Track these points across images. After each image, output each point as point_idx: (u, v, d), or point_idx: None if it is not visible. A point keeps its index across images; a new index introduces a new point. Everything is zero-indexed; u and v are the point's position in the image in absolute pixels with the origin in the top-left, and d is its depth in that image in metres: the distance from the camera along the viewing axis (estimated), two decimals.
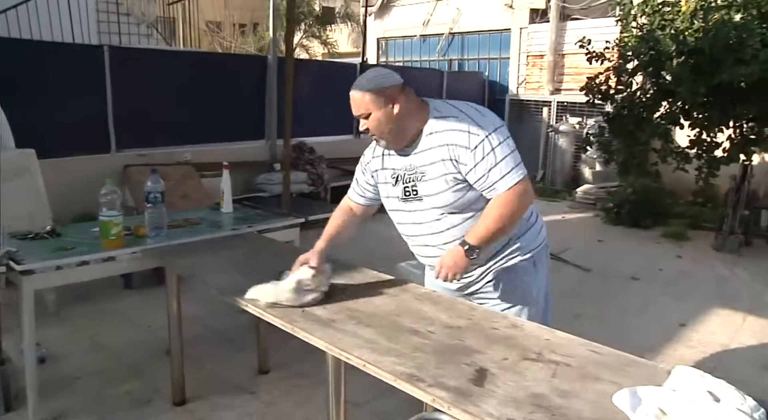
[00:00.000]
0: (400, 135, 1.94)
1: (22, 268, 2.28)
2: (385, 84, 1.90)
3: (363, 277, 2.27)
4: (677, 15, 5.41)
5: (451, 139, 1.86)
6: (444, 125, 1.89)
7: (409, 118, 1.92)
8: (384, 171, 2.07)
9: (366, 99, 1.89)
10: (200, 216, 3.25)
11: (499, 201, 1.85)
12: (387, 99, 1.89)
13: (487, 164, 1.83)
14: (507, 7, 9.94)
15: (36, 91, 4.64)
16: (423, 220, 2.00)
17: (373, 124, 1.91)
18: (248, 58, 8.25)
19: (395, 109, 1.89)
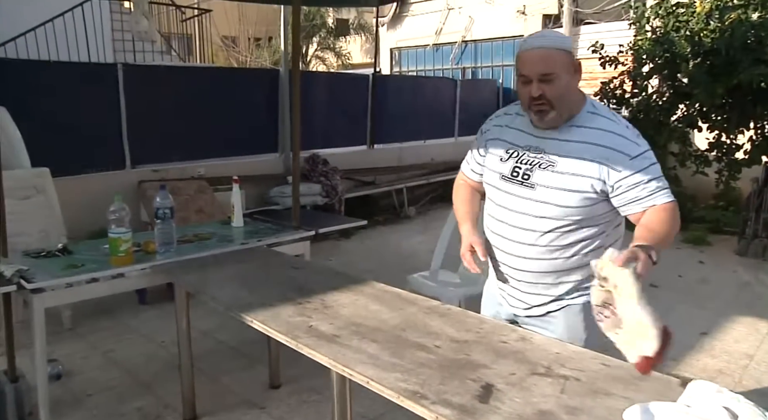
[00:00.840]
0: (568, 110, 1.71)
1: (33, 286, 2.29)
2: (571, 48, 1.71)
3: (371, 291, 2.24)
4: (692, 16, 5.33)
5: (610, 142, 1.66)
6: (600, 124, 1.70)
7: (576, 99, 1.73)
8: (500, 142, 1.86)
9: (558, 58, 1.65)
10: (210, 230, 3.25)
11: (663, 210, 1.64)
12: (576, 66, 1.70)
13: (648, 174, 1.64)
14: (519, 14, 9.91)
15: (52, 109, 4.72)
16: (522, 209, 1.76)
17: (554, 90, 1.65)
18: (260, 72, 8.31)
19: (576, 81, 1.70)
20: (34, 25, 5.96)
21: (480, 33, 10.62)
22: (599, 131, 1.68)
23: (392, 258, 5.61)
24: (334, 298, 2.16)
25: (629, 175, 1.63)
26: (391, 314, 1.98)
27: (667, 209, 1.65)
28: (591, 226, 1.73)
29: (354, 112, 7.55)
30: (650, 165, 1.66)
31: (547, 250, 1.76)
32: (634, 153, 1.65)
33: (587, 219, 1.72)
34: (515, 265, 1.83)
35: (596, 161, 1.65)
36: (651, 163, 1.66)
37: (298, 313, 2.01)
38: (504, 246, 1.84)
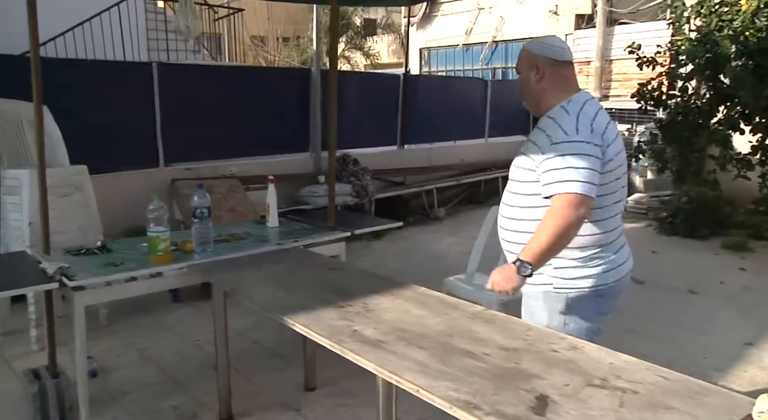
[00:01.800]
0: (533, 103, 2.03)
1: (74, 283, 2.30)
2: (540, 52, 1.98)
3: (412, 294, 2.20)
4: (736, 15, 5.16)
5: (547, 126, 1.90)
6: (556, 113, 1.92)
7: (545, 95, 1.97)
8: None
9: (521, 56, 2.04)
10: (246, 230, 3.24)
11: (552, 209, 1.80)
12: (533, 66, 1.97)
13: (558, 163, 1.79)
14: (551, 14, 9.77)
15: (88, 108, 4.77)
16: (507, 189, 2.06)
17: (518, 82, 2.05)
18: (292, 71, 8.34)
19: (536, 79, 1.97)
20: (71, 26, 6.05)
21: (511, 33, 10.50)
22: (551, 120, 1.91)
23: (424, 260, 5.56)
24: (375, 301, 2.12)
25: (544, 160, 1.84)
26: (435, 319, 1.94)
27: (554, 208, 1.80)
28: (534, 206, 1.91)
29: (384, 111, 7.52)
30: (567, 154, 1.79)
31: (517, 223, 1.98)
32: (556, 140, 1.82)
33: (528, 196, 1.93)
34: (506, 239, 2.07)
35: (537, 143, 1.90)
36: (570, 152, 1.79)
37: (340, 316, 1.97)
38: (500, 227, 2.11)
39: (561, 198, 1.77)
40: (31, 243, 3.27)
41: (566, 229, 1.78)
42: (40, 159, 2.52)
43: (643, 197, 7.90)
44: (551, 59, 1.95)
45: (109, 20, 6.35)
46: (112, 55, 6.36)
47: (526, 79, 2.00)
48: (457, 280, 3.51)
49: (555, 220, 1.78)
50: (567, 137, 1.81)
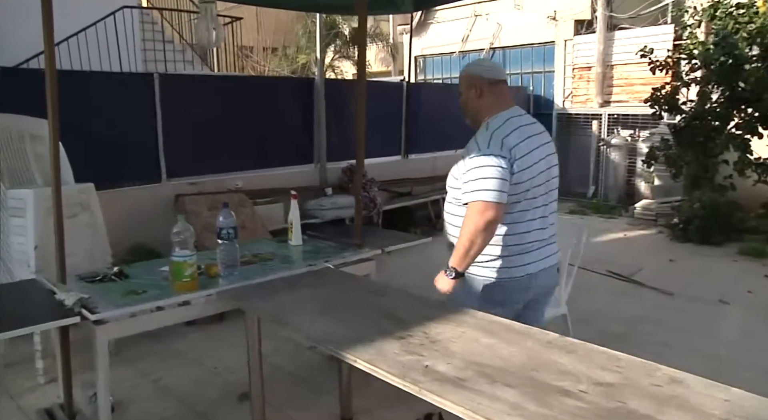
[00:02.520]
0: (472, 118, 2.28)
1: (97, 317, 2.08)
2: (480, 73, 2.24)
3: (472, 320, 2.01)
4: (754, 16, 5.06)
5: (472, 142, 2.16)
6: (479, 130, 2.19)
7: (483, 111, 2.22)
8: None
9: (461, 78, 2.29)
10: (269, 250, 3.04)
11: (464, 218, 2.08)
12: (473, 86, 2.23)
13: (471, 174, 2.07)
14: (550, 20, 9.68)
15: (87, 121, 4.52)
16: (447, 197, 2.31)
17: (460, 102, 2.30)
18: (295, 80, 8.13)
19: (476, 98, 2.22)
20: (65, 36, 5.81)
21: (509, 39, 10.40)
22: (479, 132, 2.18)
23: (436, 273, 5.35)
24: (435, 329, 1.93)
25: (465, 172, 2.10)
26: (509, 349, 1.75)
27: (466, 216, 2.08)
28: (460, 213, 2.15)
29: (388, 120, 7.34)
30: (477, 167, 2.06)
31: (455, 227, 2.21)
32: (473, 154, 2.10)
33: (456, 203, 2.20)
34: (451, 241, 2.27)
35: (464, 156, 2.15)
36: (478, 165, 2.06)
37: (404, 349, 1.77)
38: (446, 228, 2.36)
39: (472, 205, 2.06)
40: (37, 268, 3.03)
41: (475, 233, 2.04)
42: (55, 177, 2.30)
43: (651, 203, 7.79)
44: (488, 79, 2.22)
45: (105, 30, 6.11)
46: (107, 66, 6.12)
47: (467, 98, 2.25)
48: None
49: (467, 226, 2.06)
50: (479, 152, 2.08)
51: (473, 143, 2.14)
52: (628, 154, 8.77)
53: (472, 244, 2.06)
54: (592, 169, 9.21)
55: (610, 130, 9.08)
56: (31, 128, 3.46)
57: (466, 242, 2.06)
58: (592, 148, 9.19)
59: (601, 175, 9.03)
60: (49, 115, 2.26)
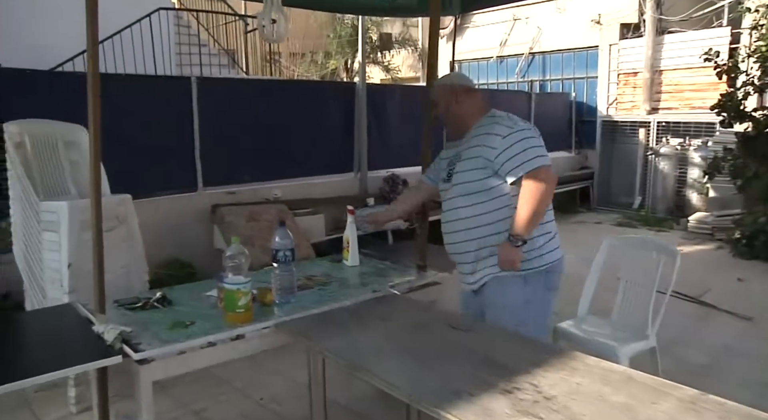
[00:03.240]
0: (456, 127, 2.36)
1: (141, 355, 1.78)
2: (455, 83, 2.39)
3: (579, 365, 1.69)
4: None
5: (488, 129, 2.19)
6: (488, 121, 2.24)
7: (467, 116, 2.31)
8: (445, 160, 2.42)
9: (437, 91, 2.42)
10: (324, 271, 2.73)
11: (528, 186, 2.08)
12: (452, 95, 2.32)
13: (517, 148, 2.10)
14: (594, 23, 9.27)
15: (121, 126, 4.28)
16: (451, 196, 2.29)
17: (438, 113, 2.40)
18: (336, 85, 7.87)
19: (456, 106, 2.32)
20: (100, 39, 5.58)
21: (549, 44, 10.01)
22: (486, 125, 2.24)
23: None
24: (545, 380, 1.60)
25: (502, 152, 2.12)
26: (646, 410, 1.41)
27: (530, 184, 2.09)
28: (490, 199, 2.18)
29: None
30: (519, 140, 2.11)
31: (467, 222, 2.24)
32: (505, 133, 2.14)
33: (484, 192, 2.19)
34: (453, 247, 2.34)
35: (482, 145, 2.18)
36: (520, 138, 2.11)
37: (516, 408, 1.45)
38: (446, 233, 2.36)
39: (535, 172, 2.08)
40: (71, 288, 2.76)
41: (547, 196, 2.11)
42: (95, 190, 2.01)
43: (706, 216, 7.32)
44: (465, 86, 2.35)
45: (140, 33, 5.91)
46: (142, 70, 5.92)
47: (447, 108, 2.34)
48: (569, 326, 2.96)
49: (536, 192, 2.07)
50: (512, 129, 2.14)
51: (486, 136, 2.17)
52: (678, 163, 8.30)
53: (540, 210, 2.10)
54: (638, 178, 8.76)
55: (658, 138, 8.63)
56: (65, 134, 3.21)
57: (538, 207, 2.08)
58: (639, 156, 8.74)
59: (649, 186, 8.57)
60: (91, 121, 1.99)
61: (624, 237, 3.31)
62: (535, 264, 2.21)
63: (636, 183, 8.80)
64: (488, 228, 2.20)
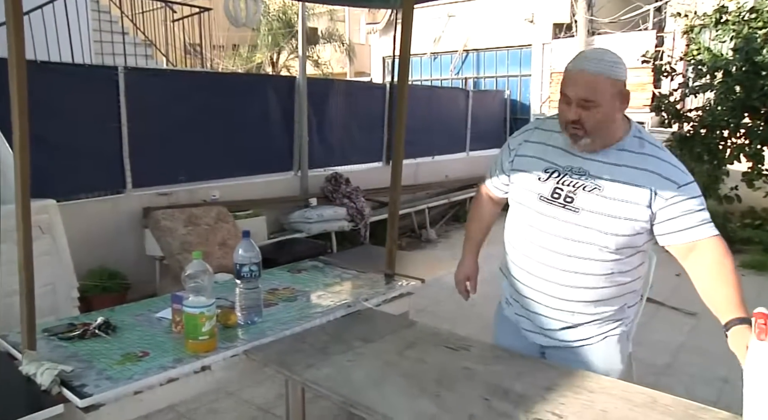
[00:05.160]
0: (606, 135, 1.63)
1: (87, 402, 1.46)
2: (624, 77, 1.60)
3: (595, 386, 1.55)
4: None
5: (658, 167, 1.60)
6: (647, 149, 1.63)
7: (618, 126, 1.65)
8: (537, 161, 1.74)
9: (605, 86, 1.56)
10: (286, 284, 2.46)
11: (723, 254, 1.57)
12: (622, 95, 1.60)
13: (695, 204, 1.58)
14: (527, 22, 9.39)
15: (37, 120, 3.78)
16: (562, 234, 1.67)
17: (593, 117, 1.58)
18: (274, 79, 7.48)
19: (620, 109, 1.61)
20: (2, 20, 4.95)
21: (483, 41, 10.06)
22: (648, 157, 1.62)
23: (438, 292, 4.84)
24: (564, 406, 1.47)
25: (677, 203, 1.58)
26: None
27: (720, 245, 1.57)
28: (632, 255, 1.68)
29: (369, 124, 6.80)
30: (698, 195, 1.61)
31: (588, 277, 1.68)
32: (683, 181, 1.60)
33: (629, 248, 1.65)
34: (551, 292, 1.73)
35: (646, 187, 1.59)
36: (698, 194, 1.61)
37: None
38: (539, 271, 1.74)
39: (719, 238, 1.59)
40: None
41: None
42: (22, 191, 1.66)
43: None
44: (625, 82, 1.62)
45: (54, 16, 5.31)
46: (57, 57, 5.32)
47: (611, 111, 1.59)
48: None
49: (730, 261, 1.57)
50: (688, 178, 1.62)
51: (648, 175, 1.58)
52: None
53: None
54: None
55: None
56: None
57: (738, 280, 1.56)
58: None
59: None
60: (15, 112, 1.63)
61: None
62: (635, 310, 1.88)
63: None
64: (627, 286, 1.73)
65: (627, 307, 1.79)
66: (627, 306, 1.79)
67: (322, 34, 17.27)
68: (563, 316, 1.75)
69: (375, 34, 11.89)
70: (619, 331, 1.79)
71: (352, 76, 15.92)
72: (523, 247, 1.77)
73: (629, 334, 1.87)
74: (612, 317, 1.76)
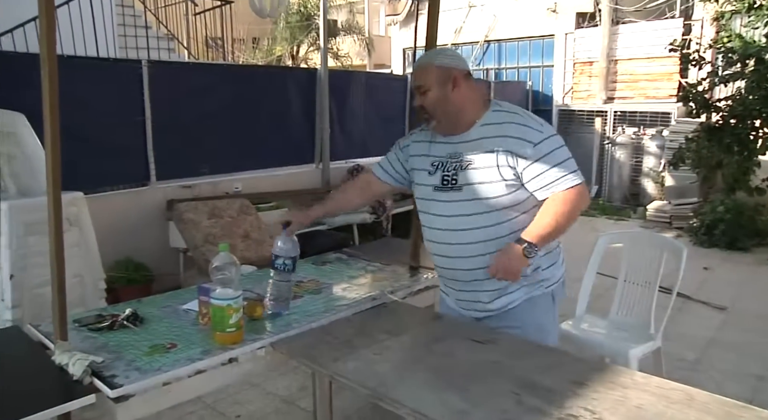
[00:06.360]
0: (452, 119, 1.87)
1: (118, 392, 1.47)
2: (452, 64, 1.86)
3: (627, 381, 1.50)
4: None
5: (511, 131, 1.80)
6: (503, 118, 1.84)
7: (467, 106, 1.86)
8: (424, 158, 1.97)
9: (431, 73, 1.85)
10: (311, 276, 2.45)
11: (559, 199, 1.78)
12: (450, 79, 1.84)
13: (550, 161, 1.77)
14: (550, 12, 9.25)
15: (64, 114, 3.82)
16: (455, 212, 1.87)
17: (428, 101, 1.86)
18: (297, 71, 7.48)
19: (455, 93, 1.84)
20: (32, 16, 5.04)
21: (505, 32, 9.94)
22: (506, 124, 1.82)
23: None
24: (597, 402, 1.43)
25: (532, 163, 1.77)
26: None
27: (566, 197, 1.77)
28: (522, 212, 1.83)
29: (390, 116, 6.77)
30: (553, 150, 1.78)
31: (487, 244, 1.83)
32: (537, 139, 1.78)
33: (516, 206, 1.82)
34: (462, 267, 1.90)
35: (503, 151, 1.79)
36: (554, 147, 1.79)
37: None
38: (448, 251, 1.91)
39: (575, 189, 1.78)
40: (14, 303, 2.37)
41: (576, 213, 1.80)
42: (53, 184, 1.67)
43: (664, 205, 7.44)
44: (464, 70, 1.88)
45: (80, 11, 5.37)
46: (83, 52, 5.38)
47: (441, 95, 1.84)
48: (569, 326, 2.81)
49: (570, 209, 1.78)
50: (543, 135, 1.79)
51: (507, 140, 1.79)
52: (634, 152, 8.42)
53: (563, 228, 1.81)
54: (594, 168, 8.84)
55: (614, 127, 8.72)
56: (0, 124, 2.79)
57: (564, 223, 1.79)
58: (595, 145, 8.82)
59: (605, 175, 8.66)
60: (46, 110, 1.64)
61: (622, 233, 3.20)
62: (558, 275, 1.97)
63: (592, 172, 8.88)
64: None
65: (542, 270, 1.91)
66: (542, 268, 1.90)
67: (342, 26, 17.26)
68: (477, 286, 1.91)
69: (395, 26, 11.82)
70: (539, 292, 1.92)
71: (371, 68, 15.87)
72: (434, 235, 1.94)
73: (554, 295, 1.96)
74: (531, 280, 1.89)
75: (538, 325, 1.92)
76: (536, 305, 1.92)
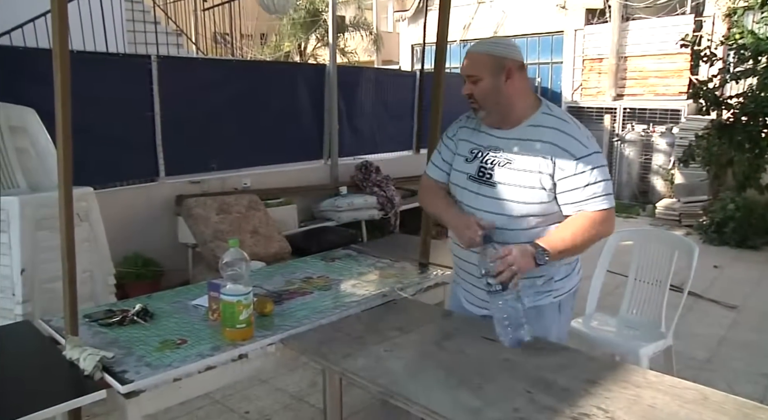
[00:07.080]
0: (502, 112, 1.81)
1: (129, 388, 1.47)
2: (507, 54, 1.78)
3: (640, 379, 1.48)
4: None
5: (557, 139, 1.73)
6: (552, 123, 1.77)
7: (518, 100, 1.80)
8: (467, 143, 1.91)
9: (483, 61, 1.77)
10: (319, 272, 2.45)
11: (586, 218, 1.73)
12: (503, 70, 1.76)
13: (587, 178, 1.71)
14: (559, 8, 9.19)
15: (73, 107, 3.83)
16: (481, 206, 1.82)
17: (479, 91, 1.78)
18: (304, 68, 7.47)
19: (507, 84, 1.76)
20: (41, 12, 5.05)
21: (514, 28, 9.88)
22: (554, 131, 1.74)
23: None
24: (609, 401, 1.42)
25: (570, 177, 1.71)
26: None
27: (593, 218, 1.72)
28: (547, 225, 1.78)
29: (399, 113, 6.75)
30: (593, 168, 1.71)
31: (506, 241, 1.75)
32: (579, 154, 1.71)
33: (544, 217, 1.77)
34: (474, 262, 1.79)
35: (547, 157, 1.72)
36: (595, 166, 1.72)
37: None
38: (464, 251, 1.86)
39: (607, 212, 1.74)
40: (24, 297, 2.38)
41: (594, 241, 1.75)
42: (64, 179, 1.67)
43: (674, 202, 7.39)
44: (518, 61, 1.80)
45: (89, 6, 5.38)
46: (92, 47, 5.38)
47: (494, 86, 1.76)
48: (579, 324, 2.79)
49: (596, 232, 1.73)
50: (588, 150, 1.73)
51: (550, 147, 1.72)
52: (643, 150, 8.37)
53: (582, 249, 1.77)
54: None
55: (623, 124, 8.66)
56: (11, 118, 2.80)
57: (581, 245, 1.73)
58: (604, 143, 8.76)
59: (614, 172, 8.61)
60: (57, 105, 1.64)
61: (632, 230, 3.17)
62: (568, 286, 1.90)
63: None
64: None
65: (554, 281, 1.86)
66: (554, 280, 1.85)
67: (350, 22, 17.24)
68: None
69: (403, 22, 11.79)
70: (546, 302, 1.86)
71: (379, 65, 15.84)
72: None
73: (561, 305, 1.90)
74: (540, 289, 1.85)
75: (542, 334, 1.82)
76: (542, 314, 1.86)
